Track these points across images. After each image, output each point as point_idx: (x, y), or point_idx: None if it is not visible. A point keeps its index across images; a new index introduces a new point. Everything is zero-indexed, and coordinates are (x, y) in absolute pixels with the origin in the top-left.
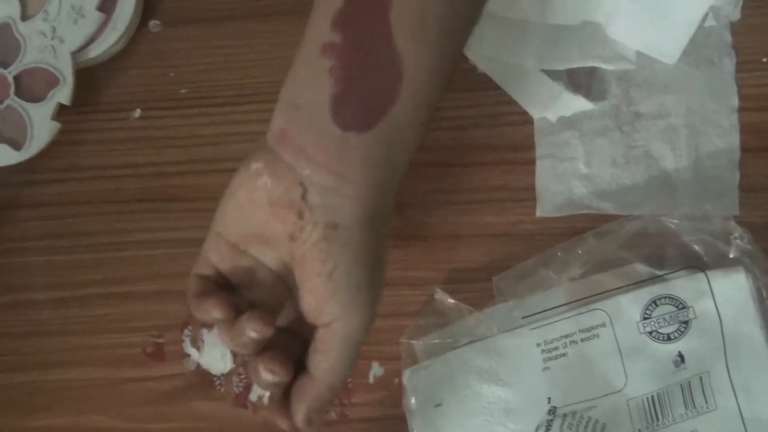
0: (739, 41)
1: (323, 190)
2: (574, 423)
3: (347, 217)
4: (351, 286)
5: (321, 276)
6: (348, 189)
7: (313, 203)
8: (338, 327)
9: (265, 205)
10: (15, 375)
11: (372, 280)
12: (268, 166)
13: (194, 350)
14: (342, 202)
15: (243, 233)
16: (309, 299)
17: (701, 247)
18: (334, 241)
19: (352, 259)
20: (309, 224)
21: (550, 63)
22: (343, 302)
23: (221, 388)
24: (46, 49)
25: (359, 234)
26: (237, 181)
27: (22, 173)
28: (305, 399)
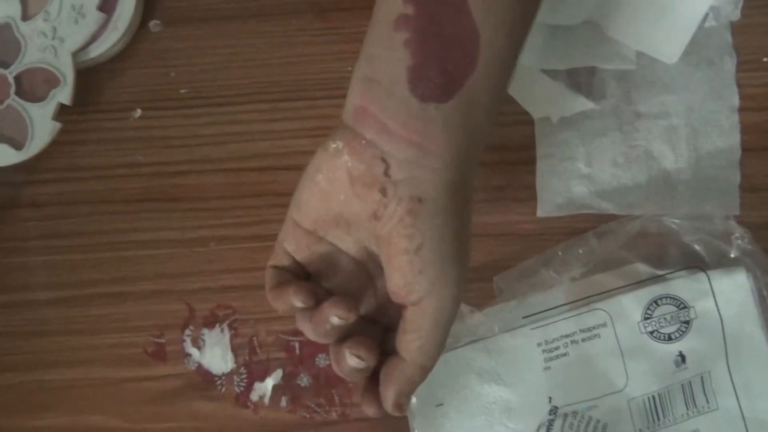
0: (739, 41)
1: (406, 164)
2: (575, 423)
3: (432, 189)
4: (440, 260)
5: (408, 253)
6: (431, 161)
7: (397, 178)
8: (428, 304)
9: (346, 185)
10: (15, 375)
11: (460, 253)
12: (348, 145)
13: (195, 350)
14: (426, 175)
15: (321, 218)
16: (397, 278)
17: (702, 247)
18: (420, 215)
19: (439, 233)
20: (393, 200)
21: (551, 63)
22: (433, 278)
23: (222, 388)
24: (47, 49)
25: (445, 206)
26: (315, 163)
27: (23, 173)
28: (395, 382)
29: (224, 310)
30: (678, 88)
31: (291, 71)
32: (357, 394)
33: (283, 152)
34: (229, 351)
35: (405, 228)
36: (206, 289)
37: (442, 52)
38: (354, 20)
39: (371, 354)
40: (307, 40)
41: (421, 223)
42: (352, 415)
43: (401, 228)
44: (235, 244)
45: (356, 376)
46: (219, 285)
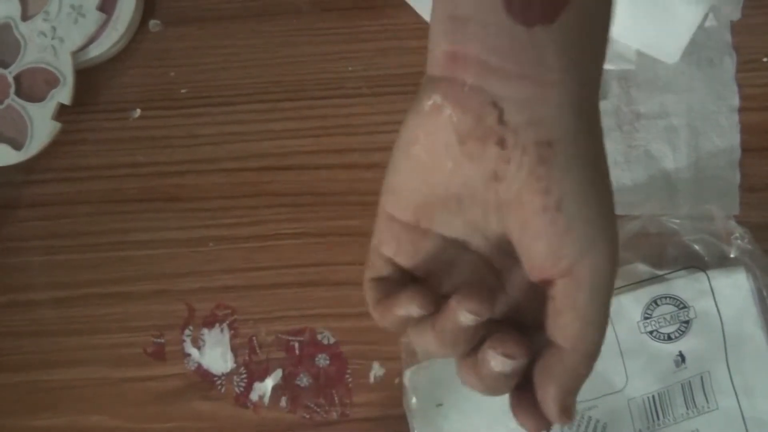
0: (739, 41)
1: (523, 105)
2: (575, 423)
3: (560, 128)
4: (587, 212)
5: (548, 210)
6: (551, 95)
7: (516, 123)
8: (582, 270)
9: (454, 147)
10: (15, 375)
11: (607, 198)
12: (448, 97)
13: (195, 350)
14: (550, 113)
15: (424, 202)
16: (538, 247)
17: (702, 247)
18: (554, 162)
19: (580, 177)
20: (516, 151)
21: None
22: (582, 236)
23: (222, 388)
24: (47, 49)
25: (579, 146)
26: (407, 133)
27: (23, 173)
28: (556, 379)
29: (224, 310)
30: (678, 88)
31: (291, 71)
32: (356, 394)
33: (282, 152)
34: (228, 351)
35: (538, 181)
36: (206, 289)
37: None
38: (354, 20)
39: (522, 348)
40: (307, 40)
41: (556, 171)
42: (352, 415)
43: (533, 182)
44: (234, 244)
45: (503, 385)
46: (219, 285)
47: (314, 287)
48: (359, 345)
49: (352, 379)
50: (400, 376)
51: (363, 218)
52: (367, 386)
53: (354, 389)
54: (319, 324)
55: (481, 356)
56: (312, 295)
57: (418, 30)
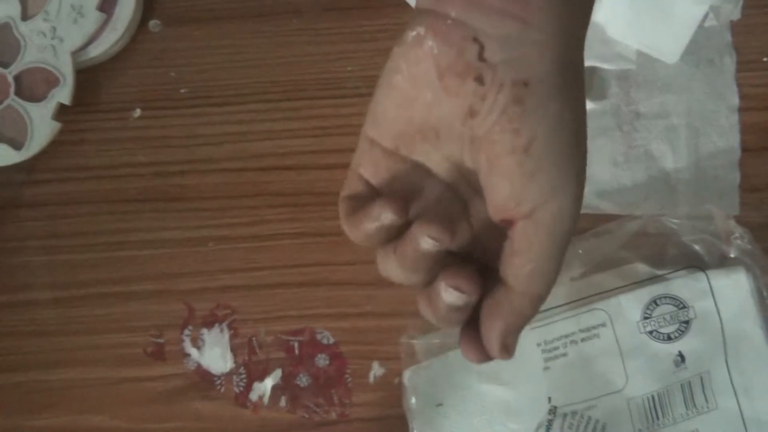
0: (739, 41)
1: (505, 42)
2: (575, 423)
3: (539, 69)
4: (556, 157)
5: (516, 152)
6: (534, 34)
7: (495, 60)
8: (544, 214)
9: (434, 80)
10: (15, 375)
11: (578, 145)
12: (431, 28)
13: (194, 350)
14: (530, 53)
15: (404, 131)
16: (502, 186)
17: (701, 247)
18: (528, 102)
19: (553, 122)
20: (493, 89)
21: None
22: (548, 181)
23: (221, 388)
24: (46, 49)
25: (557, 88)
26: (391, 63)
27: (23, 173)
28: (501, 316)
29: (223, 310)
30: (678, 87)
31: (291, 71)
32: (356, 393)
33: (282, 152)
34: (228, 351)
35: (510, 121)
36: (206, 289)
37: None
38: (354, 20)
39: (472, 284)
40: (307, 40)
41: (530, 113)
42: (351, 415)
43: (505, 121)
44: (234, 244)
45: (454, 317)
46: (218, 285)
47: (314, 287)
48: (359, 345)
49: (352, 379)
50: (399, 376)
51: None
52: (367, 386)
53: (353, 389)
54: (319, 324)
55: (435, 288)
56: (311, 295)
57: None
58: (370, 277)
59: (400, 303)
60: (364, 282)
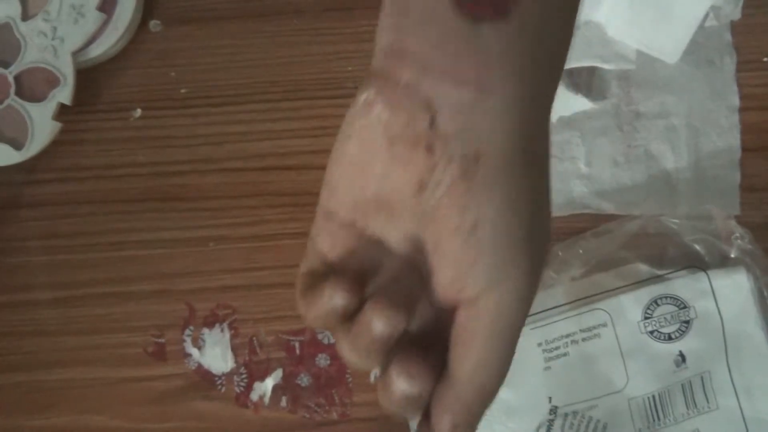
0: (739, 41)
1: (458, 110)
2: (575, 423)
3: (492, 141)
4: (504, 242)
5: (460, 232)
6: (490, 102)
7: (447, 131)
8: (487, 304)
9: (384, 148)
10: (15, 374)
11: (533, 229)
12: (381, 93)
13: (195, 350)
14: (484, 123)
15: (359, 202)
16: (446, 268)
17: (702, 247)
18: (477, 178)
19: (502, 205)
20: (442, 160)
21: None
22: (492, 268)
23: (222, 388)
24: (47, 49)
25: (511, 163)
26: (344, 129)
27: (23, 173)
28: (448, 409)
29: (224, 310)
30: (678, 87)
31: (291, 71)
32: (357, 393)
33: (283, 152)
34: (229, 351)
35: (456, 197)
36: (206, 288)
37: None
38: (354, 20)
39: (423, 372)
40: (307, 40)
41: (478, 191)
42: (352, 414)
43: (452, 197)
44: (235, 243)
45: (409, 406)
46: (219, 285)
47: None
48: None
49: (353, 379)
50: None
51: None
52: (368, 386)
53: (354, 389)
54: None
55: (387, 375)
56: None
57: None
58: None
59: None
60: None
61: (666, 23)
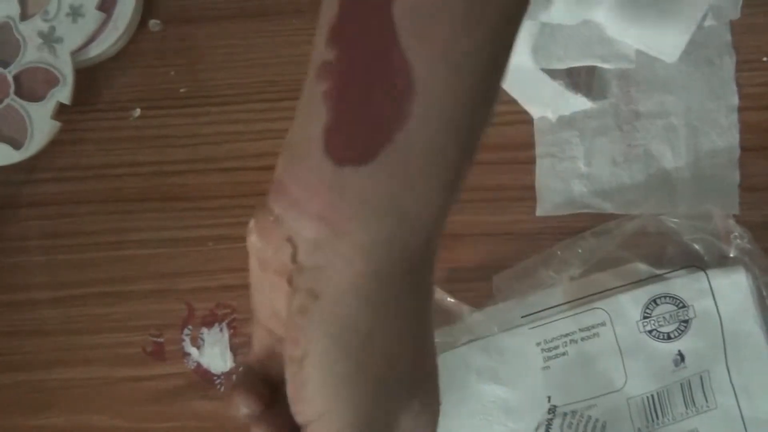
0: (738, 40)
1: (315, 248)
2: (574, 422)
3: (332, 283)
4: (327, 378)
5: (294, 362)
6: (341, 244)
7: (304, 264)
8: (314, 430)
9: (261, 271)
10: (15, 374)
11: (363, 371)
12: (257, 222)
13: (194, 349)
14: (335, 264)
15: (267, 313)
16: (289, 392)
17: (701, 246)
18: (313, 315)
19: (331, 343)
20: (293, 292)
21: (550, 62)
22: (315, 400)
23: (221, 388)
24: (46, 49)
25: (349, 308)
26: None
27: (22, 172)
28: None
29: (223, 310)
30: (677, 87)
31: (291, 71)
32: None
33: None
34: (228, 350)
35: (294, 330)
36: (205, 288)
37: (364, 102)
38: None
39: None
40: (307, 39)
41: (310, 327)
42: None
43: (291, 328)
44: (234, 243)
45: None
46: (218, 284)
47: None
48: None
49: None
50: None
51: None
52: None
53: None
54: None
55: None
56: None
57: None
58: None
59: None
60: None
61: (665, 23)
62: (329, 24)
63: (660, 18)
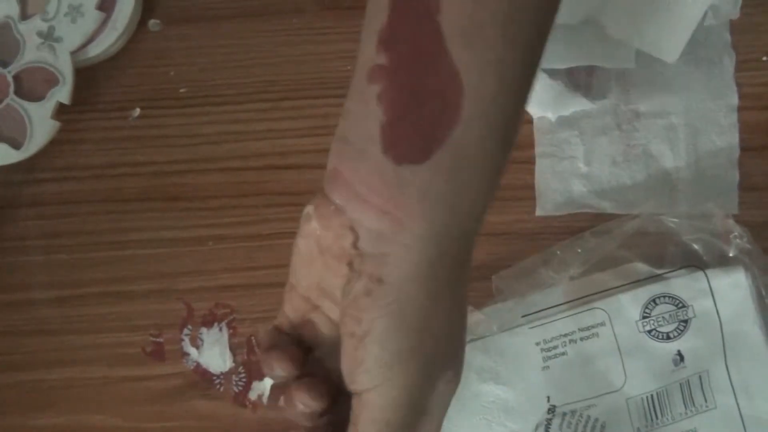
0: (738, 40)
1: (377, 237)
2: (574, 422)
3: (396, 270)
4: (387, 355)
5: (354, 338)
6: (403, 235)
7: (365, 251)
8: (369, 401)
9: (318, 254)
10: (15, 374)
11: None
12: (318, 210)
13: (194, 349)
14: (396, 252)
15: (311, 285)
16: (344, 363)
17: (701, 246)
18: (376, 297)
19: (393, 323)
20: (355, 275)
21: (550, 62)
22: (375, 373)
23: (221, 387)
24: (46, 49)
25: (407, 292)
26: (300, 227)
27: (22, 172)
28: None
29: (223, 309)
30: (677, 87)
31: (291, 70)
32: None
33: (283, 151)
34: (227, 350)
35: (357, 310)
36: (205, 288)
37: (419, 104)
38: (354, 19)
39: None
40: (308, 39)
41: (373, 308)
42: None
43: (354, 309)
44: (234, 243)
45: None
46: (218, 284)
47: None
48: None
49: None
50: None
51: None
52: None
53: None
54: None
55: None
56: None
57: None
58: None
59: None
60: None
61: (665, 22)
62: (379, 29)
63: (659, 18)
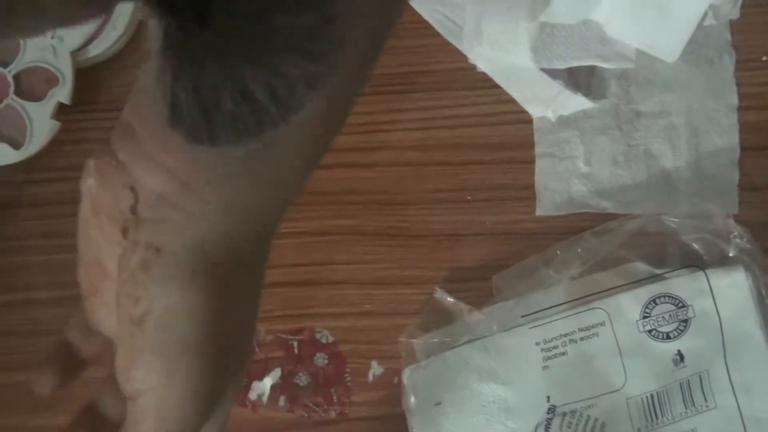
0: (738, 40)
1: (159, 200)
2: (574, 422)
3: (178, 240)
4: (169, 343)
5: (132, 321)
6: (188, 199)
7: (144, 217)
8: (146, 404)
9: (92, 216)
10: (15, 374)
11: (208, 338)
12: (96, 166)
13: None
14: (180, 220)
15: (90, 259)
16: (118, 354)
17: (701, 246)
18: (154, 271)
19: (174, 305)
20: (130, 246)
21: (550, 62)
22: (155, 366)
23: None
24: (46, 48)
25: (192, 268)
26: (80, 185)
27: (22, 172)
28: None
29: None
30: (677, 86)
31: None
32: (355, 393)
33: None
34: None
35: (133, 286)
36: None
37: None
38: None
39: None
40: None
41: (153, 284)
42: (351, 414)
43: (129, 285)
44: None
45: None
46: None
47: (313, 286)
48: (358, 344)
49: (351, 378)
50: (398, 375)
51: (362, 218)
52: (366, 385)
53: (353, 388)
54: (318, 323)
55: None
56: (311, 295)
57: (417, 29)
58: (369, 277)
59: (399, 302)
60: (364, 281)
61: (665, 22)
62: None
63: (660, 17)
